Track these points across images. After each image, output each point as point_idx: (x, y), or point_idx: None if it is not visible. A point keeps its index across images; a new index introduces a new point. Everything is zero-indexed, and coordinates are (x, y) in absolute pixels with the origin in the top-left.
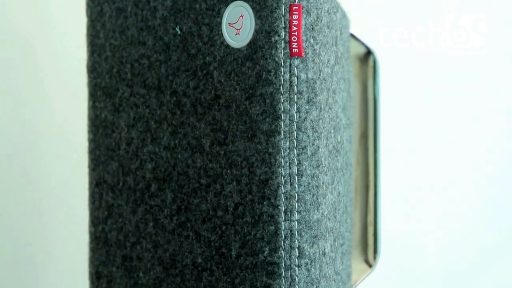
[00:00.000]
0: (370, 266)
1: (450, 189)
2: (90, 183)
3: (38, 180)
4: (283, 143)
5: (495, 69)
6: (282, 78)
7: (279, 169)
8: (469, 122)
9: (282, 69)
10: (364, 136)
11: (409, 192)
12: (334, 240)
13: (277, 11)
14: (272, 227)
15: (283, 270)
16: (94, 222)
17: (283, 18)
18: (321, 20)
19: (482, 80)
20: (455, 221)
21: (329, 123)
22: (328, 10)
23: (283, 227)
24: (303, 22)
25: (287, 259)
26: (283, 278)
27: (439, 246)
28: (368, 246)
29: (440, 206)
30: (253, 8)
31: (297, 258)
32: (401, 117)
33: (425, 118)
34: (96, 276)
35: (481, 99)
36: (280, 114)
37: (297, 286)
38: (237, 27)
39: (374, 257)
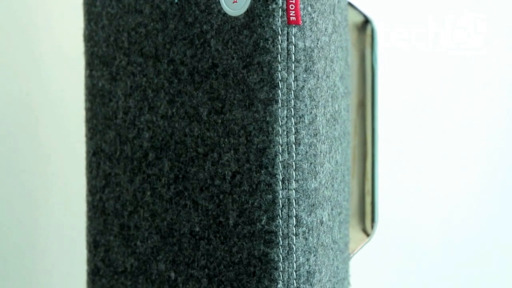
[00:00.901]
0: (367, 235)
1: (449, 157)
2: (88, 152)
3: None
4: (281, 111)
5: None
6: (279, 46)
7: (277, 138)
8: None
9: (279, 37)
10: (362, 105)
11: (407, 161)
12: (332, 209)
13: None
14: (270, 196)
15: (280, 238)
16: (92, 191)
17: None
18: None
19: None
20: (453, 190)
21: (327, 91)
22: None
23: (280, 196)
24: None
25: (284, 227)
26: (280, 247)
27: (437, 215)
28: (365, 215)
29: (439, 175)
30: None
31: (295, 226)
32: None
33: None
34: (93, 245)
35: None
36: (278, 83)
37: (294, 255)
38: None
39: (372, 226)
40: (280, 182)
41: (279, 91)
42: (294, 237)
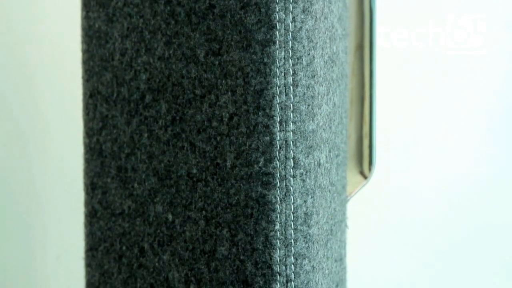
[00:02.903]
0: (365, 177)
1: (449, 103)
2: (84, 94)
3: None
4: (278, 53)
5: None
6: None
7: (274, 79)
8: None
9: None
10: (360, 47)
11: (405, 103)
12: (329, 151)
13: None
14: (267, 138)
15: (278, 180)
16: (89, 133)
17: None
18: None
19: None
20: (452, 134)
21: (325, 33)
22: None
23: (278, 138)
24: None
25: (282, 169)
26: (278, 189)
27: (435, 158)
28: (363, 158)
29: (437, 118)
30: None
31: (292, 168)
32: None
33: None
34: (91, 187)
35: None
36: (275, 24)
37: (292, 197)
38: None
39: (369, 169)
40: (277, 124)
41: (277, 32)
42: (291, 179)
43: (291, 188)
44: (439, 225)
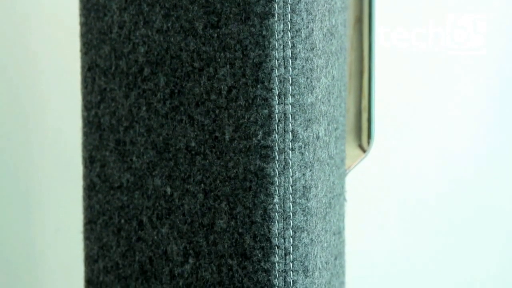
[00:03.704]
0: (364, 151)
1: (448, 76)
2: (83, 67)
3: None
4: (277, 25)
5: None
6: None
7: (273, 52)
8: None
9: None
10: (359, 20)
11: (404, 77)
12: (328, 124)
13: None
14: (266, 111)
15: (276, 153)
16: (87, 106)
17: None
18: None
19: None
20: (451, 105)
21: (324, 6)
22: None
23: (276, 111)
24: None
25: (280, 142)
26: (276, 162)
27: (434, 131)
28: (362, 132)
29: (436, 91)
30: None
31: (291, 141)
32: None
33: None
34: (89, 160)
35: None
36: None
37: (290, 170)
38: None
39: (368, 143)
40: (276, 97)
41: (275, 4)
42: (290, 151)
43: (289, 161)
44: (438, 198)
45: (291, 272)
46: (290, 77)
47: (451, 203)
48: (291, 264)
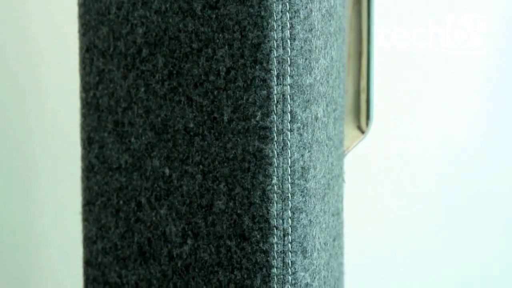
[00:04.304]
0: (362, 132)
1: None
2: (81, 48)
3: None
4: (276, 6)
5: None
6: None
7: (272, 33)
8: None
9: None
10: (357, 1)
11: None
12: (327, 105)
13: None
14: (264, 92)
15: (275, 134)
16: (85, 87)
17: None
18: None
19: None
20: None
21: None
22: None
23: (275, 92)
24: None
25: (279, 123)
26: (275, 143)
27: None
28: (360, 112)
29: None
30: None
31: (289, 122)
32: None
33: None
34: (88, 141)
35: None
36: None
37: (289, 151)
38: None
39: (367, 123)
40: (275, 78)
41: None
42: (288, 132)
43: (288, 142)
44: (437, 179)
45: (289, 253)
46: (288, 58)
47: (451, 183)
48: (289, 245)
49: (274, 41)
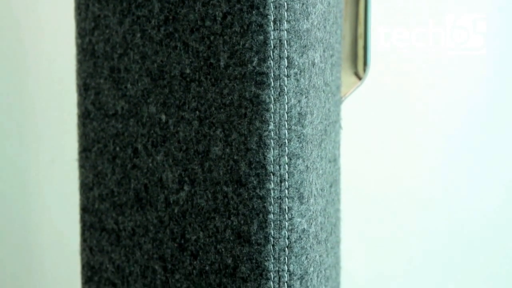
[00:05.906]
0: (359, 78)
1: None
2: None
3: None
4: None
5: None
6: None
7: None
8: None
9: None
10: None
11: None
12: (324, 51)
13: None
14: (261, 37)
15: (272, 80)
16: (81, 33)
17: None
18: None
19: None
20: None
21: None
22: None
23: (272, 37)
24: None
25: (276, 69)
26: (272, 88)
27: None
28: (358, 59)
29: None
30: None
31: (286, 68)
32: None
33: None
34: (83, 88)
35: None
36: None
37: (286, 96)
38: None
39: (364, 70)
40: (271, 23)
41: None
42: (285, 78)
43: (285, 87)
44: (435, 126)
45: (286, 199)
46: (285, 3)
47: (450, 134)
48: (286, 191)
49: None
